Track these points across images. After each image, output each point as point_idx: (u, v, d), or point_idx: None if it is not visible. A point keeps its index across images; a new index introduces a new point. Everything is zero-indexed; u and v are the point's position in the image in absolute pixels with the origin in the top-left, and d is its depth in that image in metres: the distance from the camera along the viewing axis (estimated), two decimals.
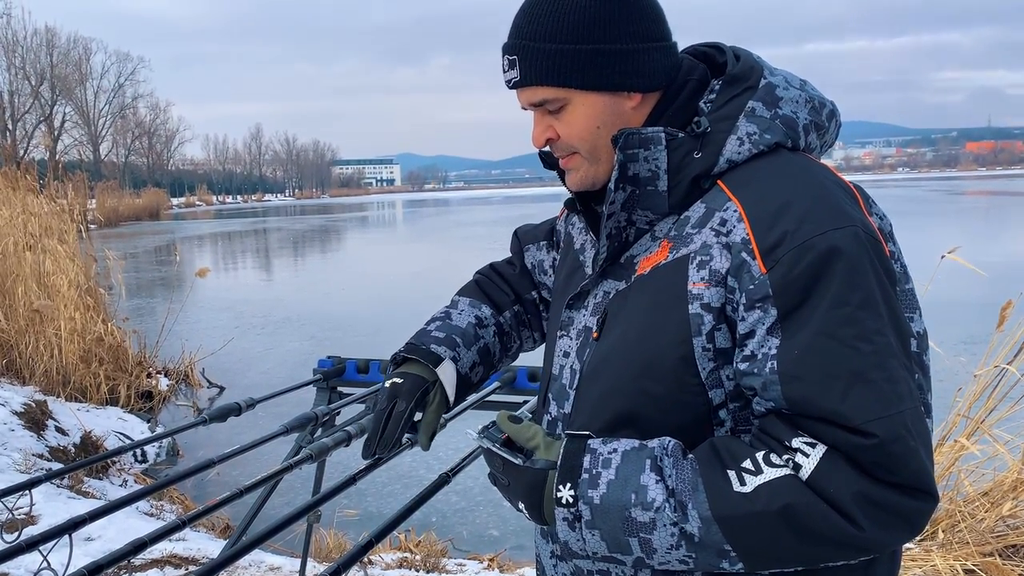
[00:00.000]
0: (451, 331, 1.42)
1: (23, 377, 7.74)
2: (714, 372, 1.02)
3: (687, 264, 1.04)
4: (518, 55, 1.13)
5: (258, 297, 16.44)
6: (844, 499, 0.91)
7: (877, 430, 0.91)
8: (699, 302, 1.02)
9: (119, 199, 50.29)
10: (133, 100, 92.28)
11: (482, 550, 4.72)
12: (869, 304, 0.95)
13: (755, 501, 0.93)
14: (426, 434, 1.37)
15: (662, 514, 0.95)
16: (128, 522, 4.34)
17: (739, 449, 0.98)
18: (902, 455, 0.92)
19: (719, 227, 1.03)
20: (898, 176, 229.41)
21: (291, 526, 1.44)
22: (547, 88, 1.12)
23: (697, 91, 1.14)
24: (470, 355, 1.42)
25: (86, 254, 9.24)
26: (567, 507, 1.00)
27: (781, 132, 1.08)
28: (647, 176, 1.10)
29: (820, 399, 0.93)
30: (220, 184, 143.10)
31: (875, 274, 0.97)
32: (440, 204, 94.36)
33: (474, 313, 1.47)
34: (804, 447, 0.94)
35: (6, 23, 61.53)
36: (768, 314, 0.97)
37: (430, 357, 1.37)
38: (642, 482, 0.97)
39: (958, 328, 8.85)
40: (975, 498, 3.66)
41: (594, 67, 1.10)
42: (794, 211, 0.99)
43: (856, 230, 0.98)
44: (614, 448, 1.02)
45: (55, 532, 1.45)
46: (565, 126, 1.14)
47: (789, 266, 0.96)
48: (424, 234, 38.88)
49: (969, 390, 3.85)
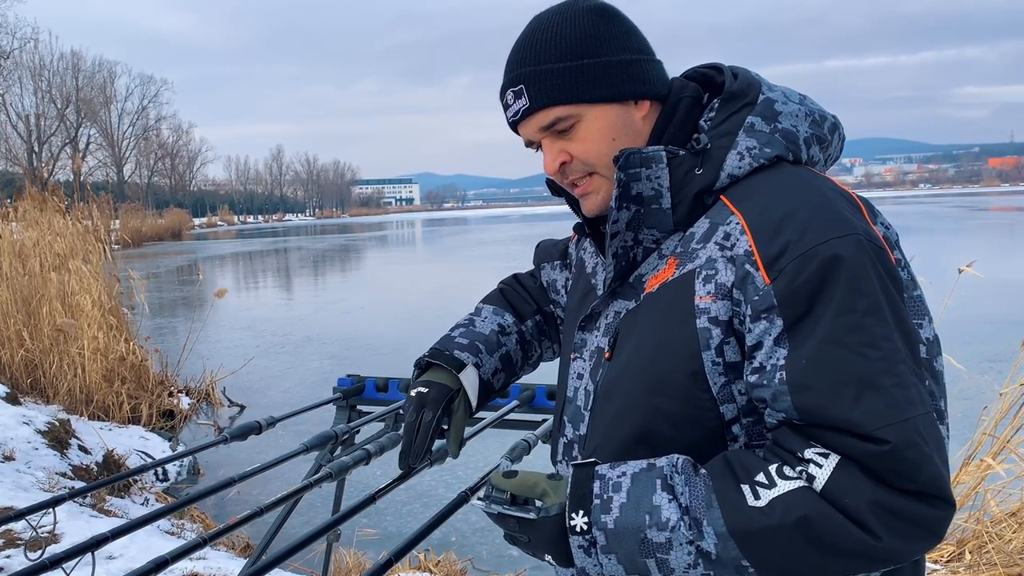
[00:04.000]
0: (474, 337, 1.44)
1: (47, 396, 7.84)
2: (725, 387, 1.02)
3: (693, 279, 1.05)
4: (524, 83, 1.13)
5: (279, 316, 16.53)
6: (860, 509, 0.90)
7: (890, 436, 0.90)
8: (706, 316, 1.02)
9: (142, 219, 50.96)
10: (156, 122, 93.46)
11: (502, 569, 4.70)
12: (875, 310, 0.95)
13: (770, 515, 0.92)
14: (455, 442, 1.39)
15: (677, 533, 0.95)
16: (149, 540, 4.35)
17: (752, 463, 0.97)
18: (916, 461, 0.91)
19: (723, 241, 1.04)
20: (920, 192, 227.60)
21: (311, 545, 1.44)
22: (559, 107, 1.13)
23: (692, 108, 1.16)
24: (492, 361, 1.44)
25: (110, 274, 9.34)
26: (581, 534, 0.99)
27: (781, 146, 1.09)
28: (651, 195, 1.12)
29: (831, 407, 0.93)
30: (241, 204, 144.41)
31: (879, 280, 0.97)
32: (459, 223, 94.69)
33: (497, 321, 1.49)
34: (817, 458, 0.93)
35: (33, 47, 62.67)
36: (774, 324, 0.97)
37: (453, 362, 1.39)
38: (655, 502, 0.97)
39: (983, 345, 8.74)
40: (1002, 519, 3.60)
41: (603, 78, 1.12)
42: (796, 221, 0.99)
43: (859, 237, 0.98)
44: (623, 471, 1.01)
45: (78, 550, 1.46)
46: (580, 143, 1.14)
47: (793, 275, 0.96)
48: (443, 253, 39.00)
49: (995, 408, 3.80)
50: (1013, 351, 3.74)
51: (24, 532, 4.38)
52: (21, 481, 5.38)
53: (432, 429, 1.35)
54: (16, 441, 5.99)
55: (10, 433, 6.07)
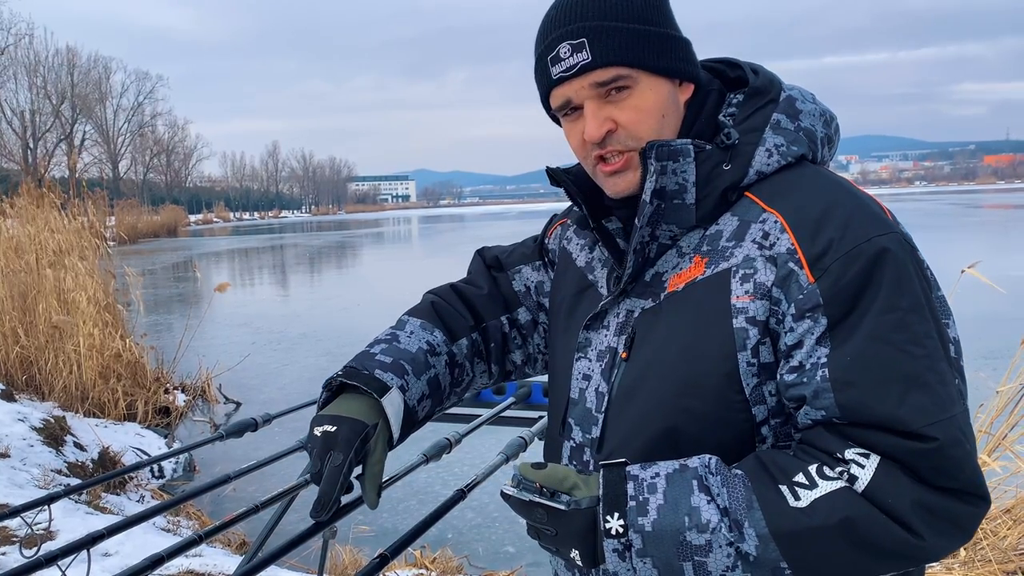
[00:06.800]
0: (399, 355, 1.25)
1: (42, 393, 7.82)
2: (757, 388, 1.01)
3: (729, 278, 1.03)
4: (587, 36, 1.05)
5: (275, 313, 16.51)
6: (903, 509, 0.90)
7: (937, 433, 0.90)
8: (744, 316, 1.00)
9: (138, 216, 50.86)
10: (152, 118, 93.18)
11: (498, 567, 4.70)
12: (917, 308, 0.95)
13: (813, 516, 0.91)
14: (372, 489, 1.17)
15: (718, 535, 0.92)
16: (145, 537, 4.35)
17: (788, 463, 0.96)
18: (960, 459, 0.91)
19: (761, 240, 1.02)
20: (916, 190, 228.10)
21: (307, 542, 1.44)
22: (619, 68, 1.06)
23: (719, 102, 1.14)
24: (419, 385, 1.25)
25: (105, 271, 9.32)
26: (617, 537, 0.95)
27: (805, 144, 1.09)
28: (674, 189, 1.08)
29: (876, 404, 0.92)
30: (237, 201, 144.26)
31: (920, 279, 0.97)
32: (455, 219, 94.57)
33: (425, 338, 1.31)
34: (858, 458, 0.93)
35: (28, 43, 62.46)
36: (818, 323, 0.96)
37: (374, 384, 1.19)
38: (693, 504, 0.94)
39: (978, 343, 8.75)
40: (997, 515, 3.61)
41: (665, 50, 1.08)
42: (836, 219, 0.98)
43: (898, 236, 0.98)
44: (656, 472, 0.98)
45: (73, 547, 1.46)
46: (632, 112, 1.07)
47: (838, 274, 0.95)
48: (439, 249, 38.93)
49: (991, 406, 3.80)
50: (1009, 348, 3.75)
51: (19, 529, 4.38)
52: (16, 478, 5.37)
53: (342, 476, 1.13)
54: (11, 438, 5.98)
55: (5, 430, 6.06)
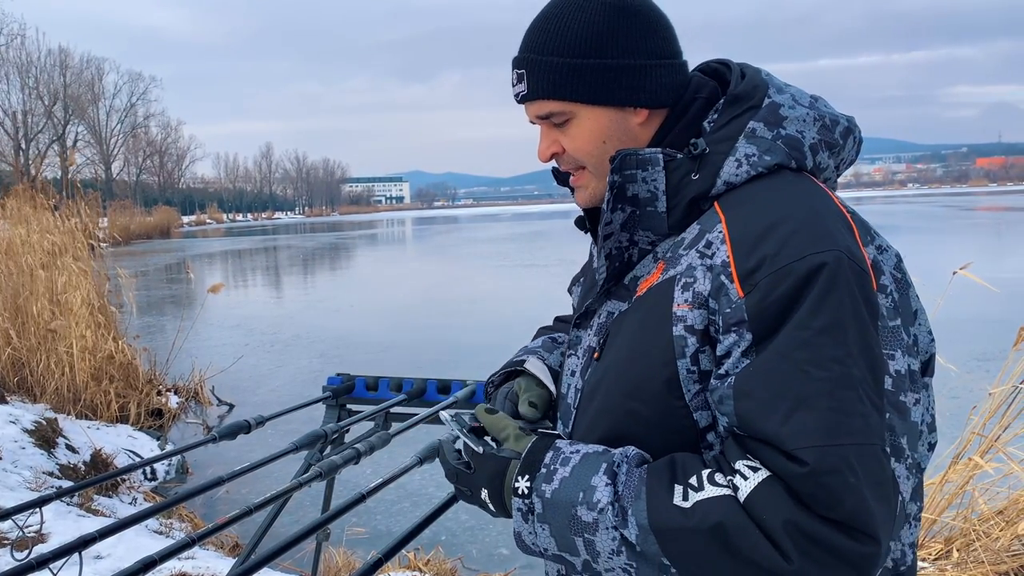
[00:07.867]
0: (529, 351, 1.42)
1: (34, 395, 7.79)
2: (699, 394, 1.01)
3: (673, 285, 1.04)
4: (525, 68, 1.13)
5: (268, 314, 16.48)
6: (775, 527, 0.89)
7: (808, 458, 0.88)
8: (683, 324, 1.01)
9: (131, 217, 50.73)
10: (145, 119, 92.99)
11: (492, 569, 4.70)
12: (832, 330, 0.92)
13: (691, 516, 0.92)
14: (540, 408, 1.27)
15: (604, 516, 0.96)
16: (138, 540, 4.34)
17: (692, 465, 0.97)
18: (837, 490, 0.88)
19: (704, 249, 1.03)
20: (909, 192, 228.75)
21: (300, 544, 1.44)
22: (552, 102, 1.12)
23: (704, 109, 1.13)
24: (554, 357, 1.39)
25: (98, 272, 9.29)
26: (522, 497, 1.03)
27: (783, 153, 1.06)
28: (646, 197, 1.10)
29: (762, 419, 0.92)
30: (230, 202, 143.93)
31: (851, 302, 0.94)
32: (449, 221, 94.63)
33: (548, 336, 1.48)
34: (746, 470, 0.93)
35: (20, 43, 62.23)
36: (743, 338, 0.96)
37: (514, 364, 1.38)
38: (592, 483, 0.98)
39: (971, 345, 8.79)
40: (990, 517, 3.62)
41: (600, 82, 1.10)
42: (777, 235, 0.97)
43: (839, 255, 0.95)
44: (577, 449, 1.04)
45: (65, 550, 1.46)
46: (570, 140, 1.15)
47: (765, 291, 0.94)
48: (434, 251, 38.97)
49: (984, 408, 3.82)
50: (1002, 350, 3.77)
51: (11, 532, 4.36)
52: (7, 480, 5.35)
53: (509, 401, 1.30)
54: (2, 440, 5.95)
55: None
